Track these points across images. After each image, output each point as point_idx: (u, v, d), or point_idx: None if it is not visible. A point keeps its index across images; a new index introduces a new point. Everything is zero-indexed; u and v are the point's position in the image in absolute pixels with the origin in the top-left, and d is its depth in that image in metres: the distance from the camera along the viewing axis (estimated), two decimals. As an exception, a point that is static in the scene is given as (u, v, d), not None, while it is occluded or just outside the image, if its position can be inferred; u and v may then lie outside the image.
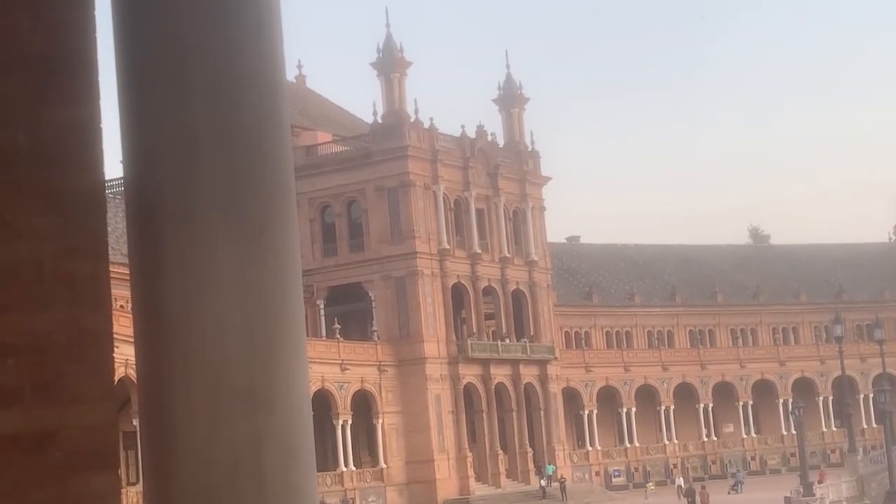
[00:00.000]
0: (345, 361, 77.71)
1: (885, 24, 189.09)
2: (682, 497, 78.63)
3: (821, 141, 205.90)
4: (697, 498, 71.52)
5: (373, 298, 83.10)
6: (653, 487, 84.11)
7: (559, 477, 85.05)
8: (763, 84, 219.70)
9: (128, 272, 2.83)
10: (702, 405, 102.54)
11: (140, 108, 2.82)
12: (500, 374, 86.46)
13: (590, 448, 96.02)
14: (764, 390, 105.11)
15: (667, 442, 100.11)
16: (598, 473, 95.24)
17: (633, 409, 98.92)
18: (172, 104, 2.78)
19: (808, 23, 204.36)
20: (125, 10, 2.83)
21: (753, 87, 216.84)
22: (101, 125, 2.60)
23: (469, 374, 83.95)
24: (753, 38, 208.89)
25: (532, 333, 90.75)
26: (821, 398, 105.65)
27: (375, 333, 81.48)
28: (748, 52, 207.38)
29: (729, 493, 79.86)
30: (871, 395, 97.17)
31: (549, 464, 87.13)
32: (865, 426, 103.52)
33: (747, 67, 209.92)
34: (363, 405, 79.72)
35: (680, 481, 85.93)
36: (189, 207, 2.75)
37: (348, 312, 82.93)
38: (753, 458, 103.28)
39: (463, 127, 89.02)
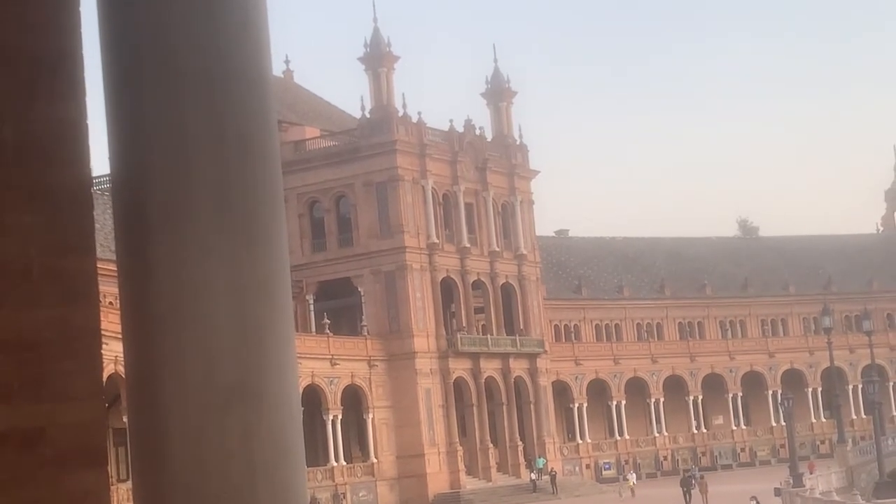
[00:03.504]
0: (334, 356, 77.70)
1: (875, 19, 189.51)
2: (634, 494, 78.76)
3: (809, 133, 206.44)
4: (696, 487, 71.75)
5: (362, 293, 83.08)
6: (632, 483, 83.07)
7: (549, 470, 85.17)
8: (751, 77, 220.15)
9: (115, 268, 2.83)
10: (691, 397, 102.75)
11: (126, 106, 2.81)
12: (489, 368, 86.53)
13: (580, 441, 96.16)
14: (753, 382, 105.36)
15: (657, 434, 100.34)
16: (588, 466, 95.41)
17: (623, 402, 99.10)
18: (158, 101, 2.77)
19: (797, 16, 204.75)
20: (111, 6, 2.82)
21: (742, 80, 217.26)
22: (88, 122, 2.59)
23: (459, 368, 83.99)
24: (742, 31, 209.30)
25: (521, 327, 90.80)
26: (810, 389, 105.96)
27: (365, 328, 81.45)
28: (737, 45, 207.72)
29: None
30: (860, 386, 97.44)
31: (540, 457, 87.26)
32: (854, 417, 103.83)
33: (735, 61, 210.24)
34: (353, 400, 79.72)
35: (633, 477, 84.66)
36: (176, 204, 2.75)
37: (338, 307, 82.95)
38: (743, 450, 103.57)
39: (451, 121, 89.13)
